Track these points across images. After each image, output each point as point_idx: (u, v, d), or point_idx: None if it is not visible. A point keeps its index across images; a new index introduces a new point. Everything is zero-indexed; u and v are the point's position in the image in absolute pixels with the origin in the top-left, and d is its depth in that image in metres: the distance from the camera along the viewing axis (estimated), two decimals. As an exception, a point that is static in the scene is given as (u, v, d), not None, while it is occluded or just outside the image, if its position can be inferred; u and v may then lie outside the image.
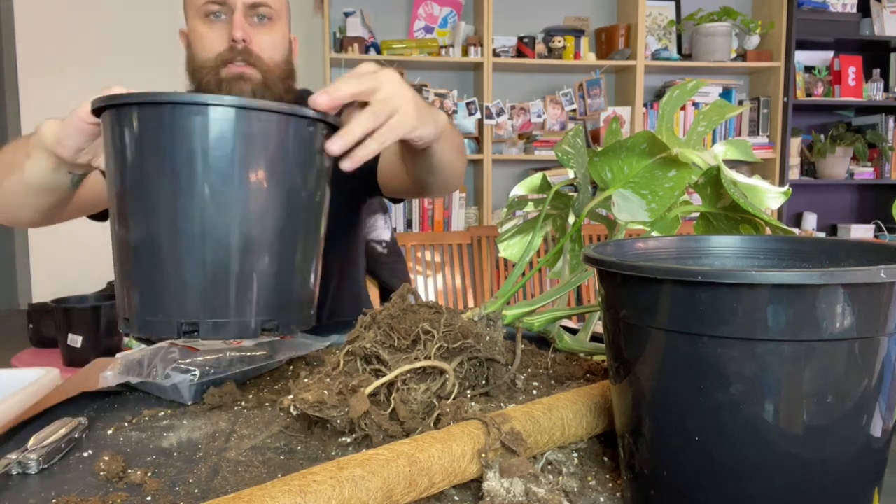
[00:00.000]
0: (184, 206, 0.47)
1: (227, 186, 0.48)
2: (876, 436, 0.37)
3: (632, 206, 0.68)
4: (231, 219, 0.48)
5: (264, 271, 0.49)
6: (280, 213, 0.50)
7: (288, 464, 0.54)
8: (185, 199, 0.47)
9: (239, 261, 0.48)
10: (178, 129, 0.48)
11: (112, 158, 0.50)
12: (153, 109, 0.47)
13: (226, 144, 0.47)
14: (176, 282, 0.48)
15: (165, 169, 0.48)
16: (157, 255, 0.48)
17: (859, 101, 3.42)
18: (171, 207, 0.47)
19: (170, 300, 0.48)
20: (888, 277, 0.34)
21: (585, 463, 0.52)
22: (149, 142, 0.48)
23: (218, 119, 0.47)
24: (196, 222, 0.47)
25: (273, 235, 0.50)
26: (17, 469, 0.53)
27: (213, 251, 0.48)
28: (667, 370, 0.39)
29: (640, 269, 0.38)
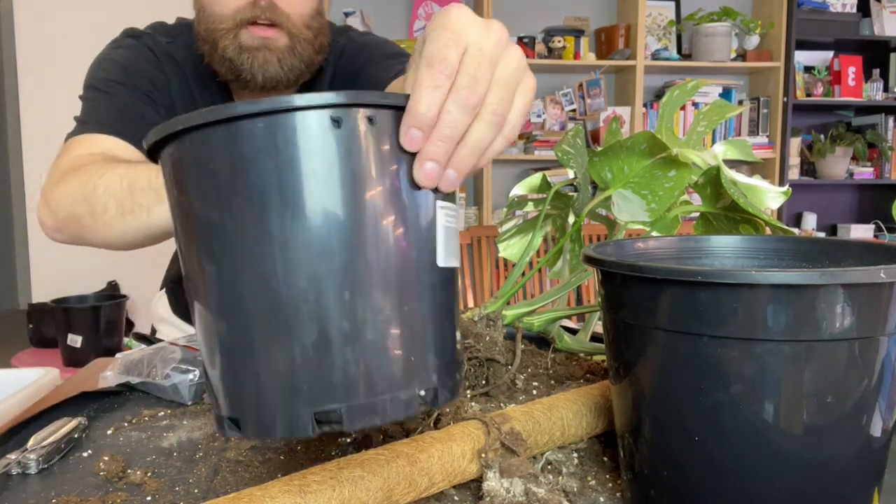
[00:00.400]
0: (292, 255, 0.34)
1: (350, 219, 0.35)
2: (876, 436, 0.37)
3: (632, 206, 0.68)
4: (360, 257, 0.35)
5: (414, 320, 0.36)
6: (417, 239, 0.37)
7: (288, 464, 0.54)
8: (294, 246, 0.34)
9: (387, 311, 0.36)
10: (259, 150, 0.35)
11: (177, 210, 0.37)
12: (220, 131, 0.35)
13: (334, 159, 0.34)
14: (299, 356, 0.35)
15: (252, 207, 0.34)
16: (268, 322, 0.35)
17: (859, 101, 3.42)
18: (277, 259, 0.34)
19: (295, 384, 0.35)
20: (888, 277, 0.34)
21: (585, 463, 0.52)
22: (228, 175, 0.35)
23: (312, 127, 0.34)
24: (313, 268, 0.34)
25: (421, 271, 0.37)
26: (17, 469, 0.53)
27: (351, 302, 0.35)
28: (667, 370, 0.39)
29: (640, 269, 0.38)
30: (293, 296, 0.35)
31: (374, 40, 1.03)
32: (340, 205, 0.35)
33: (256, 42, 0.83)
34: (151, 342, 0.92)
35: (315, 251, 0.35)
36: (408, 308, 0.37)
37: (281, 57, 0.85)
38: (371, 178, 0.36)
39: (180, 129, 0.36)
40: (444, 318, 0.39)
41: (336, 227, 0.35)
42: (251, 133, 0.34)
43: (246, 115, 0.34)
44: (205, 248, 0.36)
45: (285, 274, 0.35)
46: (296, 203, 0.34)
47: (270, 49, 0.84)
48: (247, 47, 0.84)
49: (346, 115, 0.35)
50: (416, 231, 0.37)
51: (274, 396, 0.35)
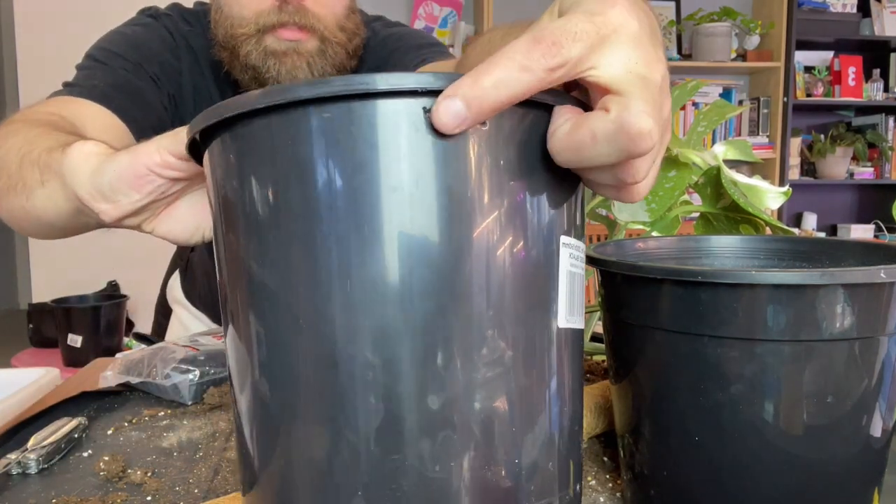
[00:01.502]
0: (357, 299, 0.24)
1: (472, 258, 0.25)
2: (876, 436, 0.37)
3: (632, 206, 0.68)
4: (459, 307, 0.25)
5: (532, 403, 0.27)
6: (537, 288, 0.28)
7: (288, 464, 0.54)
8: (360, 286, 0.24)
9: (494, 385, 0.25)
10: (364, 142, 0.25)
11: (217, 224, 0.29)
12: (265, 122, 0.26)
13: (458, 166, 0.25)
14: (351, 446, 0.24)
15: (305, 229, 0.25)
16: (313, 391, 0.25)
17: (859, 101, 3.42)
18: (335, 303, 0.25)
19: (342, 486, 0.24)
20: (888, 277, 0.34)
21: (585, 463, 0.52)
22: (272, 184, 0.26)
23: None
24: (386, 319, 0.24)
25: (541, 331, 0.28)
26: (17, 469, 0.53)
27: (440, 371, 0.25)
28: (667, 370, 0.39)
29: (641, 269, 0.38)
30: (352, 353, 0.24)
31: (400, 31, 0.94)
32: (435, 232, 0.25)
33: (284, 46, 0.75)
34: (151, 342, 0.92)
35: (391, 294, 0.24)
36: (524, 383, 0.26)
37: (311, 61, 0.76)
38: (479, 199, 0.25)
39: (221, 118, 0.27)
40: (571, 400, 0.29)
41: (424, 263, 0.24)
42: (309, 126, 0.25)
43: (306, 101, 0.25)
44: (242, 277, 0.27)
45: (345, 324, 0.24)
46: (368, 226, 0.24)
47: (300, 53, 0.76)
48: (273, 51, 0.76)
49: None
50: (536, 277, 0.27)
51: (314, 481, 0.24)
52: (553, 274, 0.28)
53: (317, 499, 0.24)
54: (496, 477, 0.25)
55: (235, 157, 0.27)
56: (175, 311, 1.22)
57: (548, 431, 0.27)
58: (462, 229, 0.25)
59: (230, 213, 0.28)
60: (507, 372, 0.26)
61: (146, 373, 0.69)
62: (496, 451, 0.25)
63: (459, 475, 0.24)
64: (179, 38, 0.87)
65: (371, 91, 0.24)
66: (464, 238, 0.25)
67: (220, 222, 0.29)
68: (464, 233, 0.25)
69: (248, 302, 0.27)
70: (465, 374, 0.25)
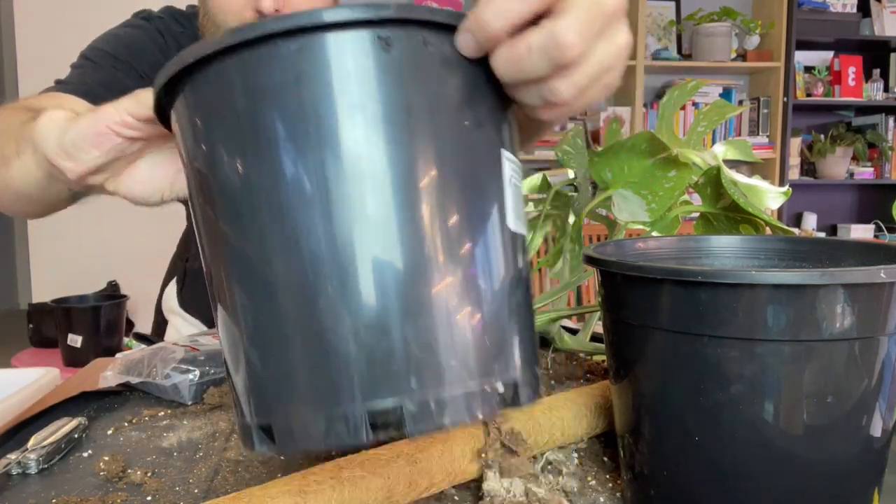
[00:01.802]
0: (336, 208, 0.28)
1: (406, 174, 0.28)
2: (876, 436, 0.37)
3: (632, 206, 0.68)
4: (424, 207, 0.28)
5: (491, 292, 0.30)
6: (487, 192, 0.31)
7: (288, 464, 0.54)
8: (337, 197, 0.28)
9: (458, 276, 0.29)
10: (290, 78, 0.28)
11: (191, 169, 0.32)
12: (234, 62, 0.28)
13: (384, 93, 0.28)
14: (349, 337, 0.28)
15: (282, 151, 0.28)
16: (307, 294, 0.28)
17: (859, 101, 3.42)
18: (315, 214, 0.28)
19: (343, 374, 0.28)
20: (888, 277, 0.34)
21: (585, 463, 0.52)
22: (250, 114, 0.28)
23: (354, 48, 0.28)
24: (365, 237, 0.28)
25: (494, 230, 0.31)
26: (17, 469, 0.53)
27: (412, 265, 0.28)
28: (667, 370, 0.39)
29: (641, 269, 0.38)
30: (339, 258, 0.27)
31: None
32: (393, 143, 0.28)
33: None
34: (151, 342, 0.92)
35: (366, 202, 0.28)
36: (482, 274, 0.29)
37: None
38: (430, 113, 0.29)
39: (186, 65, 0.29)
40: (521, 292, 0.32)
41: (391, 171, 0.28)
42: (275, 61, 0.28)
43: (263, 38, 0.28)
44: (227, 211, 0.29)
45: (327, 232, 0.28)
46: (337, 144, 0.27)
47: None
48: None
49: (397, 35, 0.28)
50: (484, 182, 0.30)
51: (316, 392, 0.28)
52: (500, 182, 0.32)
53: (325, 389, 0.28)
54: (470, 354, 0.29)
55: (201, 105, 0.30)
56: (171, 321, 1.23)
57: (510, 318, 0.31)
58: (421, 139, 0.29)
59: (201, 158, 0.31)
60: (472, 262, 0.30)
61: (146, 373, 0.69)
62: (466, 333, 0.29)
63: (436, 353, 0.28)
64: (171, 40, 0.91)
65: (328, 23, 0.27)
66: (423, 147, 0.29)
67: (192, 168, 0.32)
68: (426, 144, 0.29)
69: (235, 225, 0.30)
70: (436, 266, 0.29)
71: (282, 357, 0.29)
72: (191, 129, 0.31)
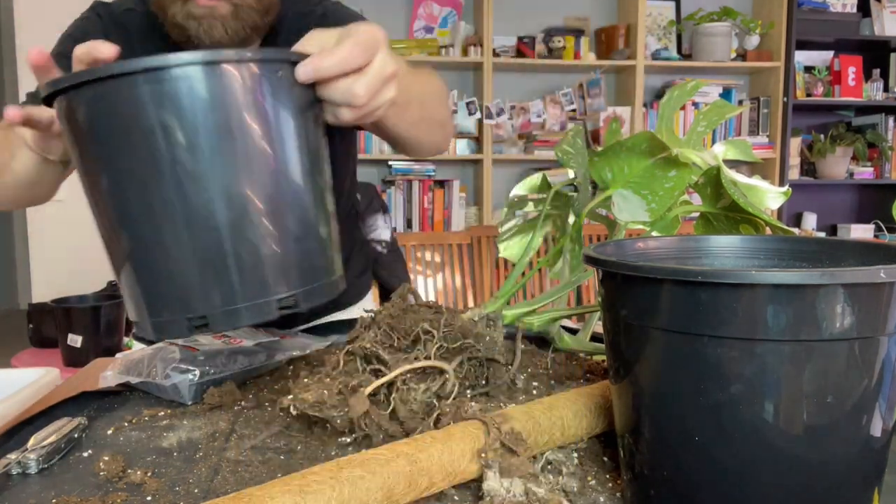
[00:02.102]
0: (156, 192, 0.41)
1: (199, 159, 0.41)
2: (876, 436, 0.37)
3: (632, 206, 0.68)
4: (212, 194, 0.42)
5: (265, 244, 0.43)
6: (269, 176, 0.44)
7: (288, 464, 0.54)
8: (154, 184, 0.41)
9: (232, 239, 0.42)
10: (122, 106, 0.41)
11: (73, 152, 0.45)
12: (92, 88, 0.41)
13: (184, 111, 0.41)
14: (171, 275, 0.42)
15: (125, 153, 0.41)
16: (141, 250, 0.43)
17: (859, 101, 3.42)
18: (143, 196, 0.41)
19: (170, 297, 0.42)
20: (888, 277, 0.34)
21: (585, 463, 0.52)
22: (98, 125, 0.42)
23: (167, 84, 0.40)
24: (173, 206, 0.41)
25: (267, 203, 0.43)
26: (17, 469, 0.53)
27: (202, 234, 0.42)
28: (667, 370, 0.39)
29: (641, 269, 0.38)
30: (164, 218, 0.42)
31: (338, 10, 1.04)
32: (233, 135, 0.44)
33: (201, 11, 0.90)
34: (151, 342, 0.92)
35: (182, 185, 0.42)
36: (271, 220, 0.43)
37: (225, 23, 0.91)
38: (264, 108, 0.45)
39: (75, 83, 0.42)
40: (288, 227, 0.45)
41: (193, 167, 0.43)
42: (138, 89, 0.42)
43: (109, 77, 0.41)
44: (103, 184, 0.44)
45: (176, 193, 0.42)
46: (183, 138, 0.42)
47: (215, 17, 0.90)
48: (193, 15, 0.91)
49: (265, 66, 0.45)
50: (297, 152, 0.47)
51: (158, 305, 0.44)
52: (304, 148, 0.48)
53: (199, 281, 0.44)
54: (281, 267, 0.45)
55: (82, 113, 0.43)
56: None
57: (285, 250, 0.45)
58: (222, 140, 0.43)
59: (75, 148, 0.44)
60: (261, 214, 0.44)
61: (146, 373, 0.69)
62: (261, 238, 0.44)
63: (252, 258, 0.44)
64: (108, 20, 1.01)
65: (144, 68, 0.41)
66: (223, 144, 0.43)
67: (77, 151, 0.45)
68: (222, 142, 0.43)
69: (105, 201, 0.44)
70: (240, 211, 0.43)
71: (140, 280, 0.45)
72: (71, 128, 0.44)
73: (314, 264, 0.46)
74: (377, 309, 0.63)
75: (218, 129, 0.42)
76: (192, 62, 0.41)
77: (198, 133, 0.42)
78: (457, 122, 3.13)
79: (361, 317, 0.62)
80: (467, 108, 3.12)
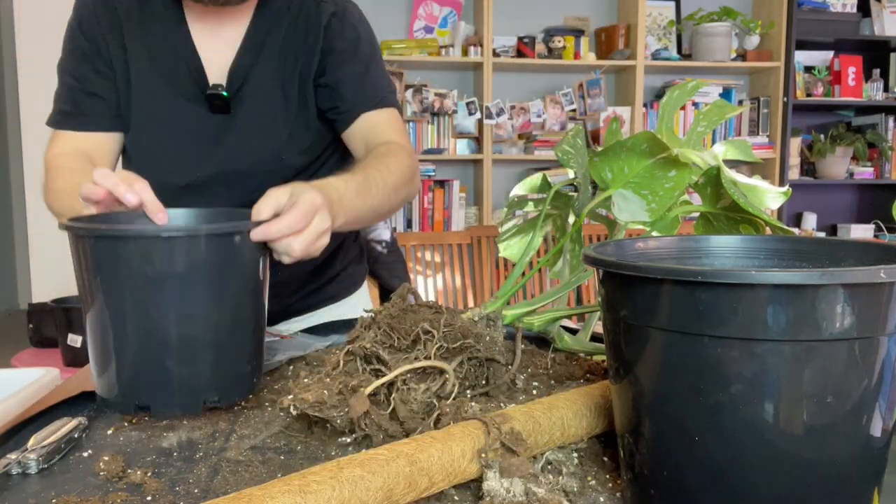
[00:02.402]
0: (127, 313, 0.54)
1: (161, 295, 0.54)
2: (876, 436, 0.37)
3: (632, 206, 0.68)
4: (167, 321, 0.55)
5: (201, 360, 0.56)
6: (209, 311, 0.56)
7: (288, 464, 0.54)
8: (126, 307, 0.54)
9: (178, 354, 0.55)
10: (116, 249, 0.55)
11: (75, 263, 0.58)
12: (96, 237, 0.55)
13: (152, 263, 0.54)
14: (129, 373, 0.56)
15: (109, 282, 0.55)
16: (116, 350, 0.55)
17: (859, 101, 3.42)
18: (119, 313, 0.55)
19: (126, 386, 0.56)
20: (888, 277, 0.34)
21: (585, 463, 0.52)
22: (92, 261, 0.56)
23: (152, 244, 0.54)
24: (138, 325, 0.54)
25: (206, 331, 0.56)
26: (17, 469, 0.53)
27: (157, 348, 0.55)
28: (667, 370, 0.39)
29: (641, 269, 0.38)
30: (131, 332, 0.56)
31: (368, 50, 1.01)
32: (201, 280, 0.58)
33: None
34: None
35: (146, 311, 0.57)
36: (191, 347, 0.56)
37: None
38: (228, 263, 0.59)
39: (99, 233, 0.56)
40: (220, 348, 0.57)
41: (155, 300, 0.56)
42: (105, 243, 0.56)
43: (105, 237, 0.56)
44: (90, 297, 0.57)
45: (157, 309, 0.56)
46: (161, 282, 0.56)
47: None
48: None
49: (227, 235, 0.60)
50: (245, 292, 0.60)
51: (116, 389, 0.57)
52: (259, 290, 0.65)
53: (148, 380, 0.57)
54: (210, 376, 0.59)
55: (86, 245, 0.57)
56: None
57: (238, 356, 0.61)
58: (180, 283, 0.57)
59: (77, 266, 0.58)
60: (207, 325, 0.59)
61: (146, 373, 0.69)
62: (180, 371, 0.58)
63: (191, 369, 0.58)
64: (99, 6, 0.99)
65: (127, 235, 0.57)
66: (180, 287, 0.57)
67: (77, 265, 0.58)
68: (179, 284, 0.57)
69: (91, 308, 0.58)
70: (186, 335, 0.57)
71: (108, 369, 0.58)
72: (77, 249, 0.57)
73: (237, 375, 0.59)
74: (377, 309, 0.63)
75: (185, 276, 0.55)
76: (176, 235, 0.55)
77: (165, 278, 0.55)
78: (457, 122, 3.14)
79: (361, 317, 0.62)
80: (467, 108, 3.12)
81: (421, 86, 3.09)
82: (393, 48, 3.01)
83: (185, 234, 0.57)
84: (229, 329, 0.58)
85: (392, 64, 2.94)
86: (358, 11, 1.02)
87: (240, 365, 0.58)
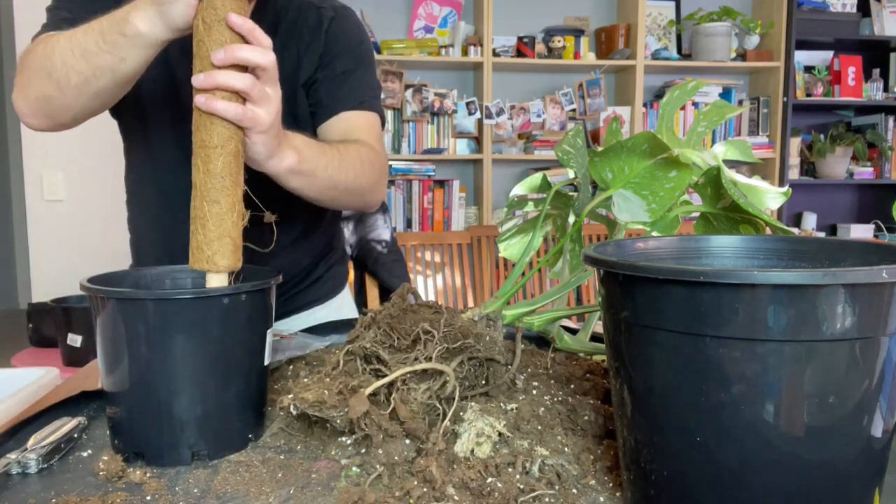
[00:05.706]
0: (122, 365, 0.57)
1: (158, 354, 0.56)
2: (876, 436, 0.37)
3: (632, 206, 0.68)
4: (162, 377, 0.56)
5: (190, 414, 0.57)
6: (203, 368, 0.58)
7: (288, 463, 0.54)
8: (123, 360, 0.57)
9: (168, 408, 0.57)
10: (130, 308, 0.57)
11: (94, 317, 0.60)
12: (99, 299, 0.58)
13: (150, 323, 0.56)
14: (126, 421, 0.58)
15: (117, 339, 0.57)
16: (117, 401, 0.58)
17: (859, 101, 3.41)
18: (123, 367, 0.57)
19: (123, 433, 0.58)
20: (890, 277, 0.34)
21: (585, 463, 0.52)
22: (105, 319, 0.58)
23: (146, 307, 0.56)
24: (137, 376, 0.57)
25: (195, 388, 0.57)
26: (17, 469, 0.53)
27: (151, 401, 0.57)
28: (668, 370, 0.39)
29: (641, 269, 0.38)
30: (131, 386, 0.58)
31: (362, 54, 1.01)
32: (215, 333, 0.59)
33: None
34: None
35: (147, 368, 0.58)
36: (181, 402, 0.57)
37: None
38: (231, 319, 0.59)
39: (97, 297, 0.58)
40: (209, 403, 0.58)
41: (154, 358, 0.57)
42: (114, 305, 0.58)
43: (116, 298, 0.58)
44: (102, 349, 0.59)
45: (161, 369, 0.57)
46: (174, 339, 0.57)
47: None
48: None
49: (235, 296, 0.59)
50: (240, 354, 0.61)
51: (116, 434, 0.58)
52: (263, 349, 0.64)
53: (143, 430, 0.58)
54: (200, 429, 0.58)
55: (104, 304, 0.58)
56: None
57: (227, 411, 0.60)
58: (175, 343, 0.58)
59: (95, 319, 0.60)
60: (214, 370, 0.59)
61: (146, 373, 0.69)
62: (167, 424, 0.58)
63: (181, 422, 0.58)
64: None
65: (135, 298, 0.58)
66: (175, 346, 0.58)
67: (96, 319, 0.59)
68: (174, 344, 0.58)
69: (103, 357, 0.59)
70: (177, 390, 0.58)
71: (113, 416, 0.60)
72: (94, 307, 0.59)
73: (228, 428, 0.59)
74: (377, 309, 0.63)
75: (187, 337, 0.57)
76: (187, 298, 0.57)
77: (167, 337, 0.56)
78: (457, 121, 3.13)
79: (361, 317, 0.62)
80: (467, 108, 3.12)
81: (421, 86, 3.08)
82: (393, 48, 3.01)
83: (175, 297, 0.58)
84: (217, 387, 0.58)
85: (392, 64, 2.94)
86: (355, 16, 1.03)
87: (227, 421, 0.58)
